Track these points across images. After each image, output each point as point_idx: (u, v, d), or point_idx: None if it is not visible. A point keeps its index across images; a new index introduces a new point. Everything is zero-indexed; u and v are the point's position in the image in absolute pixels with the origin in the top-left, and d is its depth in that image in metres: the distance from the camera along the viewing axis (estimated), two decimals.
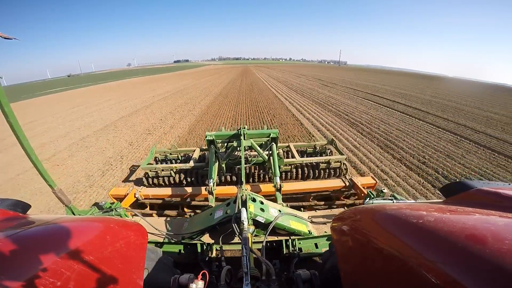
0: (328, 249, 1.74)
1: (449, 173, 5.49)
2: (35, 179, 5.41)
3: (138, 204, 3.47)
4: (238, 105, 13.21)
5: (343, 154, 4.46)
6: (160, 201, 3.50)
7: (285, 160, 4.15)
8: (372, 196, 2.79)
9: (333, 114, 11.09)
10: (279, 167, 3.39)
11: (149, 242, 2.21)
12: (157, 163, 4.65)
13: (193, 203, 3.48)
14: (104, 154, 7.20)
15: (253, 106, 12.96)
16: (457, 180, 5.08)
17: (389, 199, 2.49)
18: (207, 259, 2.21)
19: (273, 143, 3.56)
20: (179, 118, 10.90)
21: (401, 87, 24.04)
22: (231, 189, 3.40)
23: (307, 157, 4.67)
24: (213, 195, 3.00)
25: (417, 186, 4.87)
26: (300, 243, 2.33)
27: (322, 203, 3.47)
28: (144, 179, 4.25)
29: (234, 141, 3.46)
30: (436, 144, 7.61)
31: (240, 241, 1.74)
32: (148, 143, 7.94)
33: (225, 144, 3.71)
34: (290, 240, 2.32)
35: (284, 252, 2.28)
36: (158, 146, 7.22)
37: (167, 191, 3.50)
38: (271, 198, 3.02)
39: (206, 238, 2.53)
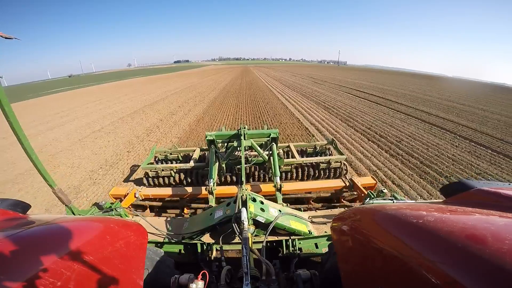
0: (328, 249, 1.74)
1: (384, 133, 8.10)
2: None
3: (138, 204, 3.47)
4: (240, 97, 16.22)
5: (343, 154, 4.46)
6: (160, 201, 3.49)
7: (285, 160, 4.15)
8: (372, 196, 2.78)
9: (313, 102, 14.03)
10: (279, 167, 3.38)
11: (149, 242, 2.21)
12: (157, 163, 4.65)
13: (193, 203, 3.48)
14: (143, 126, 9.80)
15: (251, 97, 15.87)
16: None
17: (389, 199, 2.48)
18: (207, 259, 2.21)
19: (273, 143, 3.56)
20: (193, 106, 13.77)
21: (387, 84, 26.06)
22: (231, 189, 3.40)
23: (307, 157, 4.67)
24: (213, 195, 3.00)
25: (358, 140, 7.45)
26: (300, 243, 2.32)
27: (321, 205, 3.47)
28: (144, 179, 4.25)
29: (234, 141, 3.46)
30: (386, 119, 10.00)
31: (240, 241, 1.73)
32: (174, 119, 10.59)
33: (225, 144, 3.71)
34: (290, 240, 2.31)
35: (284, 252, 2.28)
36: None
37: (167, 191, 3.50)
38: (271, 198, 3.01)
39: (206, 238, 2.52)
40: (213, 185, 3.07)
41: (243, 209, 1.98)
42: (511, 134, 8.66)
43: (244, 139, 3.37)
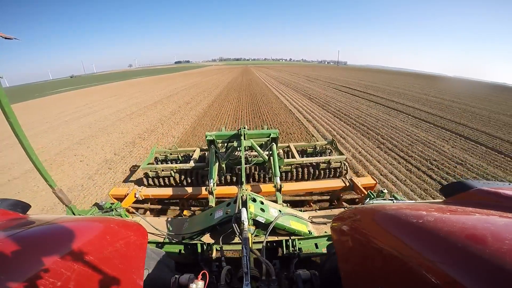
0: (328, 249, 1.74)
1: (349, 113, 10.45)
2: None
3: (138, 204, 3.46)
4: (240, 91, 19.07)
5: (343, 154, 4.46)
6: (160, 202, 3.49)
7: (285, 160, 4.14)
8: (372, 196, 2.78)
9: (301, 95, 16.89)
10: (279, 167, 3.38)
11: (149, 242, 2.20)
12: (157, 163, 4.65)
13: (193, 203, 3.48)
14: (166, 110, 12.59)
15: (250, 92, 18.55)
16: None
17: (389, 200, 2.48)
18: (207, 259, 2.21)
19: (273, 143, 3.55)
20: (202, 98, 16.66)
21: (376, 82, 27.80)
22: (231, 189, 3.40)
23: (307, 157, 4.67)
24: (213, 195, 3.00)
25: (326, 117, 9.79)
26: (300, 243, 2.31)
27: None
28: (144, 179, 4.25)
29: (234, 141, 3.45)
30: (355, 105, 12.44)
31: (240, 241, 1.73)
32: (190, 106, 13.37)
33: (225, 144, 3.71)
34: (290, 240, 2.31)
35: (284, 252, 2.27)
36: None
37: (168, 191, 3.50)
38: (272, 198, 3.01)
39: (207, 238, 2.52)
40: (213, 185, 3.06)
41: (243, 209, 1.98)
42: (460, 116, 10.41)
43: (244, 139, 3.37)
